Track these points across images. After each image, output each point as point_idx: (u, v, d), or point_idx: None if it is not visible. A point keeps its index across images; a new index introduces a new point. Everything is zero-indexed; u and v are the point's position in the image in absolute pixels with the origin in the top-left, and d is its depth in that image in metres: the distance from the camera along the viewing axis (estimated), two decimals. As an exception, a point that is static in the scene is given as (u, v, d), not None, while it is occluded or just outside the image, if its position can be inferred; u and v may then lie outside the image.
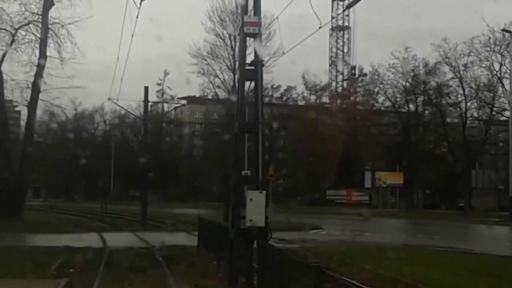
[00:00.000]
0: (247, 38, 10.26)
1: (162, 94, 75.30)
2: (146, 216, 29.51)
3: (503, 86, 42.98)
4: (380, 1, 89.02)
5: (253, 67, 9.81)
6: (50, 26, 25.84)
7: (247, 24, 9.46)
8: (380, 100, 61.44)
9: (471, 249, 18.15)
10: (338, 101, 72.80)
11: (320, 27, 11.67)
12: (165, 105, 79.38)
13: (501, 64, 43.79)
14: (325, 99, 72.56)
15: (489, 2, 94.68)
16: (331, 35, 78.05)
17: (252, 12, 9.80)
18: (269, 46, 57.05)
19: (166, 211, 38.67)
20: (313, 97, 69.56)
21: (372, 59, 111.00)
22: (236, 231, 9.94)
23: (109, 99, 27.96)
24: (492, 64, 45.23)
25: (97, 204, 45.49)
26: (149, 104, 36.66)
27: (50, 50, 25.96)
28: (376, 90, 60.70)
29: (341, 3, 79.03)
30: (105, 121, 75.29)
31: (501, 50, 43.40)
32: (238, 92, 10.50)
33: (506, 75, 42.35)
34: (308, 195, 67.22)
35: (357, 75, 72.43)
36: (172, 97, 77.86)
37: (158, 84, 73.78)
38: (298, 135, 66.67)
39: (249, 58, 10.63)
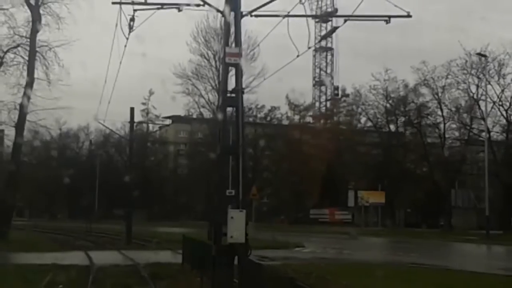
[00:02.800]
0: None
1: (147, 114, 75.97)
2: (131, 234, 29.89)
3: (479, 108, 44.34)
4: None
5: (234, 95, 10.52)
6: (37, 49, 26.43)
7: (228, 55, 10.18)
8: (362, 120, 62.83)
9: (446, 265, 18.87)
10: (322, 121, 73.99)
11: (298, 56, 12.43)
12: (150, 124, 79.93)
13: (477, 87, 45.36)
14: (309, 119, 73.78)
15: (476, 20, 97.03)
16: (314, 56, 79.42)
17: (234, 43, 10.52)
18: (253, 67, 58.47)
19: (150, 229, 38.99)
20: (296, 117, 70.71)
21: (358, 77, 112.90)
22: (218, 247, 10.56)
23: (95, 119, 28.42)
24: (469, 87, 46.91)
25: (81, 223, 45.65)
26: (134, 123, 37.38)
27: (38, 72, 26.54)
28: (359, 110, 62.02)
29: (324, 25, 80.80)
30: (90, 141, 75.59)
31: (478, 73, 44.98)
32: (220, 117, 11.15)
33: (483, 97, 43.84)
34: (292, 213, 67.84)
35: (340, 96, 73.89)
36: (157, 117, 78.54)
37: (143, 104, 74.49)
38: (282, 154, 67.55)
39: (233, 82, 11.37)
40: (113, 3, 10.69)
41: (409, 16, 11.13)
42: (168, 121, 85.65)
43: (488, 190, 39.18)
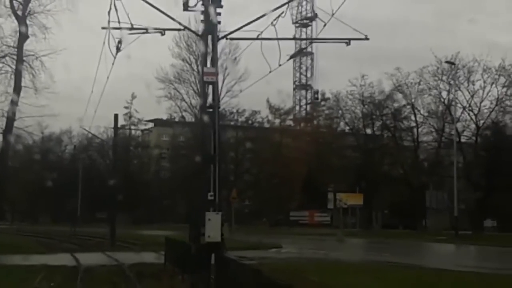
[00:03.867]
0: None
1: (130, 117, 76.68)
2: (115, 237, 30.84)
3: (450, 114, 46.08)
4: (352, 19, 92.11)
5: (211, 109, 11.68)
6: (25, 58, 27.37)
7: (206, 74, 11.34)
8: (342, 124, 64.43)
9: (412, 263, 20.23)
10: (302, 125, 75.41)
11: (270, 71, 13.69)
12: (133, 127, 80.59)
13: (448, 92, 47.36)
14: (290, 123, 75.13)
15: (464, 22, 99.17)
16: (294, 60, 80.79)
17: (211, 63, 11.66)
18: (235, 71, 59.64)
19: (134, 232, 39.91)
20: (277, 121, 71.99)
21: (341, 79, 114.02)
22: (197, 246, 11.73)
23: (80, 126, 29.40)
24: (440, 93, 49.04)
25: (64, 227, 46.33)
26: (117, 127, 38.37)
27: (25, 81, 27.45)
28: (338, 114, 63.59)
29: (304, 29, 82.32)
30: (75, 146, 76.07)
31: (448, 79, 46.93)
32: (200, 128, 12.31)
33: (453, 103, 45.72)
34: (273, 216, 69.05)
35: (319, 100, 75.31)
36: (140, 120, 79.35)
37: (126, 108, 75.15)
38: (263, 157, 68.76)
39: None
40: (103, 28, 11.81)
41: (367, 39, 12.43)
42: (150, 125, 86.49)
43: (460, 192, 40.80)
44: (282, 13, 12.16)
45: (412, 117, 52.16)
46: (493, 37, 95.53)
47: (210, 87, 11.64)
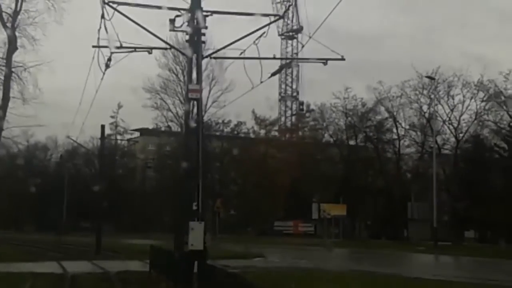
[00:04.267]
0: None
1: (116, 127, 76.92)
2: (101, 245, 31.24)
3: (430, 127, 47.26)
4: (340, 31, 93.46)
5: (195, 125, 12.33)
6: (13, 69, 27.83)
7: (190, 91, 12.00)
8: (326, 135, 65.40)
9: (390, 272, 20.94)
10: (287, 135, 76.17)
11: (252, 88, 14.40)
12: (119, 136, 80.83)
13: (429, 106, 48.67)
14: (275, 133, 75.85)
15: (451, 36, 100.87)
16: (280, 71, 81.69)
17: (195, 80, 12.33)
18: (221, 81, 60.35)
19: (119, 241, 40.26)
20: (262, 131, 72.69)
21: (329, 90, 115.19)
22: (181, 254, 12.34)
23: (67, 137, 29.88)
24: (421, 107, 50.52)
25: (49, 235, 46.51)
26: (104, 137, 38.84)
27: (13, 91, 27.90)
28: (324, 125, 64.65)
29: (290, 41, 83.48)
30: (61, 156, 76.10)
31: (429, 94, 48.28)
32: (185, 142, 12.95)
33: (434, 117, 46.99)
34: (258, 225, 69.59)
35: (304, 111, 76.27)
36: (125, 130, 79.59)
37: (112, 117, 75.37)
38: (248, 167, 69.35)
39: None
40: (93, 46, 12.43)
41: (343, 59, 13.19)
42: (136, 134, 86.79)
43: (443, 204, 41.77)
44: (264, 33, 12.86)
45: (394, 130, 53.36)
46: (477, 49, 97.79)
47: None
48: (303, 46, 12.82)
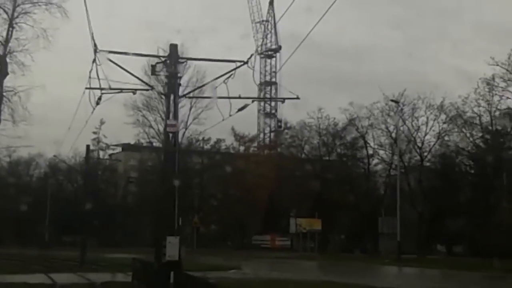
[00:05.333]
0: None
1: (98, 142, 78.28)
2: (85, 258, 32.98)
3: (397, 146, 50.19)
4: (319, 46, 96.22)
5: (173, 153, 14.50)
6: (4, 94, 29.74)
7: (168, 126, 14.16)
8: (303, 151, 67.89)
9: (353, 282, 23.16)
10: (266, 152, 78.39)
11: (223, 119, 16.61)
12: (101, 152, 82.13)
13: (395, 127, 51.81)
14: (254, 150, 77.99)
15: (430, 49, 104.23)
16: (259, 89, 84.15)
17: (172, 115, 14.49)
18: (201, 100, 62.29)
19: (102, 255, 41.90)
20: (242, 148, 74.77)
21: (308, 106, 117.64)
22: (159, 264, 14.43)
23: (54, 156, 31.72)
24: (388, 128, 53.82)
25: (31, 250, 47.80)
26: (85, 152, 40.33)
27: (4, 114, 29.77)
28: (302, 141, 67.20)
29: (269, 60, 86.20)
30: (45, 173, 77.28)
31: (395, 115, 51.64)
32: (163, 168, 15.07)
33: (400, 137, 50.28)
34: (237, 239, 71.46)
35: (282, 128, 78.59)
36: (108, 146, 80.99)
37: (94, 133, 76.76)
38: (227, 183, 71.32)
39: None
40: (86, 88, 14.55)
41: (297, 98, 15.52)
42: (118, 149, 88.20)
43: (406, 218, 44.27)
44: (231, 75, 15.11)
45: (364, 151, 56.47)
46: (458, 63, 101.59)
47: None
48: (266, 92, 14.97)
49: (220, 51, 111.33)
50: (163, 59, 14.00)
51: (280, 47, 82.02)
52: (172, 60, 13.85)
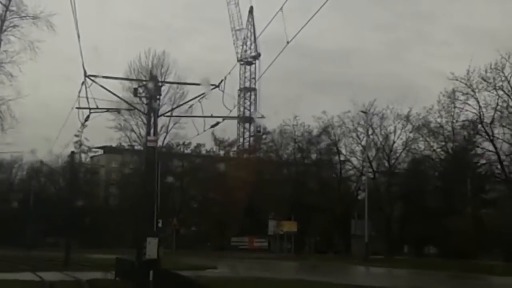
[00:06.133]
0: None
1: (80, 145, 79.19)
2: (70, 258, 34.68)
3: (367, 155, 52.96)
4: (300, 48, 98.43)
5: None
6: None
7: (149, 141, 16.17)
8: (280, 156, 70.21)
9: (319, 280, 25.31)
10: (245, 156, 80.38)
11: (198, 134, 18.67)
12: (83, 155, 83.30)
13: (365, 135, 54.64)
14: (233, 154, 79.94)
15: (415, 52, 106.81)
16: (239, 95, 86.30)
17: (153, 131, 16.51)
18: (182, 106, 64.06)
19: (84, 255, 43.57)
20: (222, 152, 76.70)
21: (293, 108, 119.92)
22: (140, 263, 16.44)
23: (42, 163, 33.44)
24: (358, 136, 56.63)
25: (13, 251, 49.06)
26: (68, 154, 41.94)
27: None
28: (280, 147, 69.54)
29: (248, 67, 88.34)
30: (30, 178, 78.23)
31: (365, 124, 54.53)
32: (145, 173, 17.07)
33: (369, 145, 53.19)
34: (216, 241, 73.31)
35: (261, 133, 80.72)
36: (90, 148, 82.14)
37: (76, 136, 77.83)
38: (207, 186, 73.16)
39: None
40: (77, 107, 16.52)
41: (263, 117, 17.62)
42: (100, 151, 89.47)
43: (378, 221, 46.75)
44: (205, 94, 17.19)
45: (336, 157, 59.20)
46: (442, 66, 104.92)
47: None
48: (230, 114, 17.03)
49: (204, 51, 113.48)
50: (144, 83, 15.95)
51: (259, 54, 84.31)
52: (152, 84, 15.86)
